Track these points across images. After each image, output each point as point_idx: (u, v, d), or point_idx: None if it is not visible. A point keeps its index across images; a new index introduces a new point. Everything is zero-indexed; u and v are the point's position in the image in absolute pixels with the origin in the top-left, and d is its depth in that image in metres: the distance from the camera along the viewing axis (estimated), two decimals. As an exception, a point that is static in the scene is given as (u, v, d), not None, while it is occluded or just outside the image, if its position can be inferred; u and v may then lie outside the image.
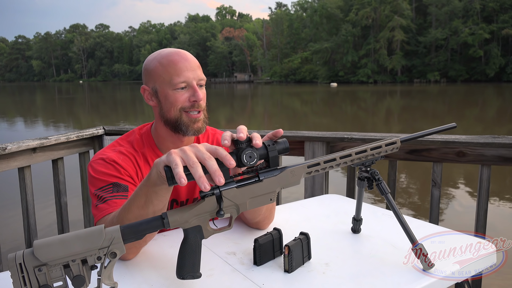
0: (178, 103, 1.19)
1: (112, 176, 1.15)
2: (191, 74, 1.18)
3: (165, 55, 1.20)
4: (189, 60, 1.19)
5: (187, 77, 1.17)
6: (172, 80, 1.17)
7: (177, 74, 1.17)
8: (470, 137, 1.88)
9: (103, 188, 1.13)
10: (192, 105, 1.19)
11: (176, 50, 1.22)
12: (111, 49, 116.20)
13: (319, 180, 2.19)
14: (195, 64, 1.21)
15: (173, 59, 1.18)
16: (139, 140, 1.28)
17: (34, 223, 2.13)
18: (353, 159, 0.94)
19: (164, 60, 1.19)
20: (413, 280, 0.90)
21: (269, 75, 78.72)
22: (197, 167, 0.77)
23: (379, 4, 58.81)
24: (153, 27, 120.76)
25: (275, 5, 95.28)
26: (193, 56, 1.23)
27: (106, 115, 19.37)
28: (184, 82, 1.18)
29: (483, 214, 1.87)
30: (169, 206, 1.28)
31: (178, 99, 1.18)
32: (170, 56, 1.19)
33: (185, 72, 1.17)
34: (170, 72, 1.17)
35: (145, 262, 1.02)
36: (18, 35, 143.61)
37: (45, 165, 2.34)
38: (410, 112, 18.12)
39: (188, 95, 1.19)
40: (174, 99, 1.19)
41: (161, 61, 1.19)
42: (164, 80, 1.18)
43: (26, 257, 0.70)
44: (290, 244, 0.95)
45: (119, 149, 1.23)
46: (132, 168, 1.21)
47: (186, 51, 1.23)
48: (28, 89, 61.30)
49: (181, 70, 1.17)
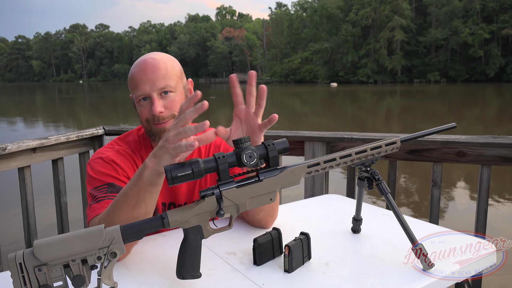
0: (143, 116, 1.19)
1: (109, 176, 1.15)
2: (148, 86, 1.14)
3: (132, 67, 1.19)
4: (146, 71, 1.14)
5: (143, 90, 1.15)
6: (134, 93, 1.18)
7: (135, 88, 1.16)
8: (470, 137, 1.88)
9: (98, 188, 1.13)
10: (153, 117, 1.17)
11: (141, 60, 1.18)
12: (111, 49, 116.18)
13: (319, 180, 2.19)
14: (154, 74, 1.14)
15: (133, 72, 1.17)
16: (137, 141, 1.28)
17: (34, 223, 2.13)
18: (353, 159, 0.94)
19: (130, 73, 1.20)
20: (413, 280, 0.90)
21: (269, 75, 78.69)
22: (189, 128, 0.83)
23: (379, 4, 58.78)
24: (153, 27, 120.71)
25: (275, 5, 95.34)
26: (159, 63, 1.16)
27: (106, 115, 19.37)
28: (142, 95, 1.16)
29: (483, 214, 1.87)
30: (166, 209, 1.28)
31: (142, 112, 1.19)
32: (133, 69, 1.18)
33: (141, 85, 1.15)
34: (131, 86, 1.18)
35: (145, 262, 1.02)
36: (18, 35, 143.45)
37: (45, 165, 2.34)
38: (410, 112, 18.12)
39: (150, 107, 1.17)
40: (139, 111, 1.20)
41: (129, 74, 1.21)
42: (132, 93, 1.20)
43: (26, 257, 0.70)
44: (290, 244, 0.95)
45: (117, 149, 1.24)
46: (130, 168, 1.21)
47: (153, 59, 1.16)
48: (28, 89, 61.28)
49: (138, 83, 1.15)
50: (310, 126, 13.23)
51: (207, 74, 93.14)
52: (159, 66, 1.16)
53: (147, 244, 1.13)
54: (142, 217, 0.95)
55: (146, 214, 0.97)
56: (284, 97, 31.95)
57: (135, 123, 15.03)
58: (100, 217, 1.01)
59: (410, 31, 57.50)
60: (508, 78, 49.80)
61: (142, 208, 0.94)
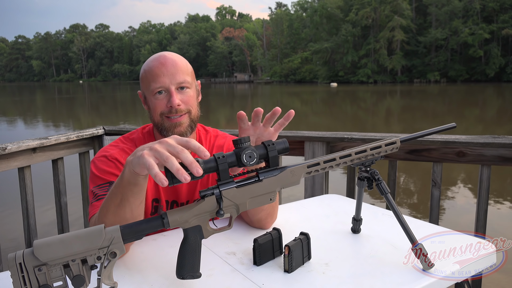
0: (158, 109, 1.21)
1: (112, 175, 1.16)
2: (168, 79, 1.19)
3: (148, 62, 1.23)
4: (166, 64, 1.19)
5: (162, 82, 1.19)
6: (150, 86, 1.20)
7: (153, 80, 1.19)
8: (470, 137, 1.88)
9: (100, 186, 1.14)
10: (169, 110, 1.20)
11: (158, 55, 1.23)
12: (111, 49, 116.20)
13: (319, 180, 2.19)
14: (174, 68, 1.20)
15: (152, 65, 1.20)
16: (142, 139, 1.29)
17: (34, 223, 2.13)
18: (353, 159, 0.94)
19: (146, 67, 1.23)
20: (413, 280, 0.90)
21: (269, 75, 78.71)
22: (172, 161, 0.75)
23: (379, 4, 58.79)
24: (153, 27, 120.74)
25: (275, 5, 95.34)
26: (176, 59, 1.22)
27: (106, 115, 19.37)
28: (161, 88, 1.19)
29: (483, 214, 1.87)
30: (169, 207, 1.29)
31: (157, 105, 1.21)
32: (151, 63, 1.21)
33: (161, 77, 1.18)
34: (148, 78, 1.20)
35: (145, 262, 1.02)
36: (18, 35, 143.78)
37: (45, 165, 2.34)
38: (410, 112, 18.12)
39: (166, 100, 1.20)
40: (154, 105, 1.22)
41: (145, 68, 1.23)
42: (146, 86, 1.22)
43: (26, 257, 0.70)
44: (290, 244, 0.94)
45: (122, 147, 1.25)
46: None
47: (169, 55, 1.22)
48: (28, 89, 61.29)
49: (157, 76, 1.19)
50: (310, 126, 13.22)
51: (207, 74, 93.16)
52: (178, 62, 1.22)
53: (147, 244, 1.13)
54: (128, 218, 0.92)
55: (133, 215, 0.93)
56: (284, 97, 31.96)
57: (135, 123, 15.03)
58: (96, 215, 1.01)
59: (410, 31, 57.53)
60: (508, 78, 49.81)
61: (127, 208, 0.91)
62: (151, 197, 1.26)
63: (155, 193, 1.27)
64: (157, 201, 1.27)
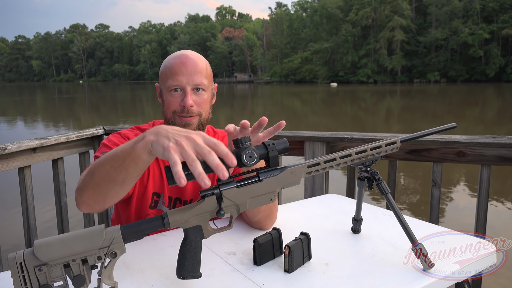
0: (171, 106, 1.23)
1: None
2: (185, 78, 1.20)
3: (170, 58, 1.24)
4: (187, 64, 1.21)
5: (180, 81, 1.20)
6: (167, 82, 1.21)
7: (171, 77, 1.20)
8: (470, 137, 1.88)
9: (104, 153, 1.13)
10: (182, 109, 1.21)
11: (181, 53, 1.24)
12: (111, 49, 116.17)
13: (319, 180, 2.19)
14: (193, 68, 1.21)
15: (173, 62, 1.22)
16: None
17: (34, 223, 2.13)
18: (353, 159, 0.94)
19: (167, 63, 1.24)
20: (413, 280, 0.90)
21: (269, 75, 78.70)
22: (197, 165, 0.72)
23: (379, 4, 58.79)
24: (153, 27, 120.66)
25: (275, 5, 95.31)
26: (197, 60, 1.23)
27: (106, 115, 19.36)
28: (177, 86, 1.20)
29: (483, 214, 1.87)
30: (172, 205, 1.29)
31: (171, 102, 1.22)
32: (172, 60, 1.23)
33: (179, 76, 1.19)
34: (167, 75, 1.22)
35: (145, 262, 1.02)
36: (18, 35, 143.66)
37: (45, 165, 2.33)
38: (410, 112, 18.12)
39: (181, 99, 1.21)
40: (168, 101, 1.23)
41: (166, 64, 1.24)
42: (164, 82, 1.23)
43: (26, 257, 0.70)
44: (290, 244, 0.95)
45: (136, 133, 1.27)
46: None
47: (194, 55, 1.24)
48: (28, 89, 61.28)
49: (175, 73, 1.20)
50: (310, 126, 13.22)
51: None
52: (199, 63, 1.23)
53: (147, 244, 1.13)
54: (118, 184, 0.89)
55: (123, 185, 0.89)
56: (284, 97, 31.96)
57: (135, 123, 15.01)
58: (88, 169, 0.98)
59: (410, 31, 57.53)
60: (508, 78, 49.81)
61: (122, 173, 0.86)
62: (152, 190, 1.26)
63: (158, 187, 1.27)
64: (158, 196, 1.27)
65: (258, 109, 21.84)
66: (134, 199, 1.26)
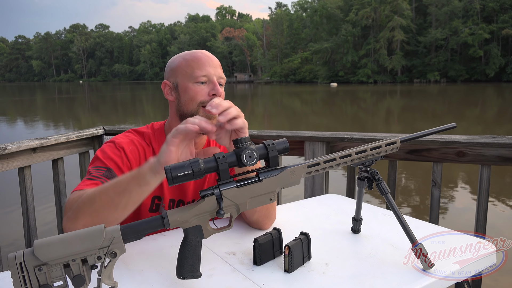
0: (198, 97, 1.19)
1: (112, 161, 1.16)
2: (213, 70, 1.20)
3: (189, 53, 1.25)
4: (211, 58, 1.23)
5: (208, 72, 1.19)
6: (194, 73, 1.19)
7: (199, 68, 1.19)
8: (470, 137, 1.88)
9: (98, 168, 1.14)
10: (211, 99, 1.17)
11: (198, 50, 1.25)
12: (111, 49, 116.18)
13: (319, 180, 2.19)
14: (217, 63, 1.24)
15: (197, 55, 1.22)
16: (152, 135, 1.29)
17: (34, 223, 2.13)
18: (353, 159, 0.94)
19: (188, 56, 1.23)
20: (413, 280, 0.90)
21: (269, 75, 78.70)
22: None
23: (379, 4, 58.79)
24: (153, 27, 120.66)
25: (275, 5, 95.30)
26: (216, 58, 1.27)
27: (106, 115, 19.36)
28: (205, 76, 1.19)
29: (483, 214, 1.87)
30: (175, 206, 1.28)
31: (198, 93, 1.19)
32: (194, 53, 1.23)
33: (207, 67, 1.20)
34: (192, 66, 1.20)
35: (145, 262, 1.02)
36: (18, 35, 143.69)
37: (45, 165, 2.33)
38: (410, 112, 18.12)
39: (208, 90, 1.20)
40: (194, 92, 1.19)
41: (185, 57, 1.23)
42: (186, 73, 1.20)
43: (26, 257, 0.70)
44: (290, 244, 0.95)
45: (132, 138, 1.26)
46: (137, 160, 1.22)
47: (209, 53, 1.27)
48: (28, 89, 61.28)
49: (203, 65, 1.20)
50: (310, 126, 13.22)
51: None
52: (217, 60, 1.26)
53: (147, 244, 1.13)
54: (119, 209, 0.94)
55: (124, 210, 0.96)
56: (284, 97, 31.96)
57: (135, 123, 15.02)
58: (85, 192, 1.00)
59: (410, 31, 57.52)
60: (508, 78, 49.81)
61: (125, 198, 0.93)
62: (152, 194, 1.24)
63: (158, 190, 1.26)
64: (160, 199, 1.27)
65: (258, 109, 21.84)
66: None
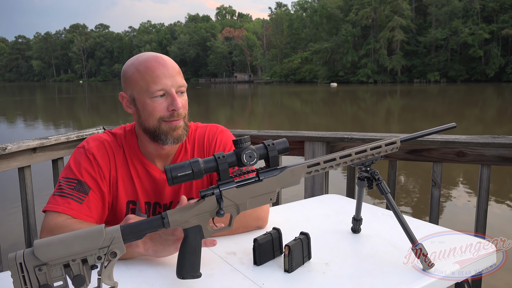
0: (157, 113, 1.13)
1: (85, 172, 1.14)
2: (169, 81, 1.12)
3: (142, 61, 1.14)
4: (167, 66, 1.13)
5: (165, 84, 1.11)
6: (149, 88, 1.11)
7: (154, 81, 1.10)
8: (470, 137, 1.88)
9: (69, 180, 1.12)
10: (171, 114, 1.13)
11: (154, 55, 1.16)
12: (111, 49, 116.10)
13: (319, 180, 2.19)
14: (174, 70, 1.14)
15: (151, 65, 1.12)
16: (122, 136, 1.25)
17: (34, 223, 2.13)
18: (353, 159, 0.94)
19: (141, 66, 1.13)
20: (413, 280, 0.90)
21: (269, 75, 78.67)
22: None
23: (379, 4, 58.74)
24: (153, 27, 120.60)
25: (275, 5, 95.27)
26: (173, 61, 1.17)
27: (106, 115, 19.36)
28: (162, 90, 1.12)
29: (483, 214, 1.87)
30: (151, 209, 1.25)
31: (156, 109, 1.12)
32: (147, 62, 1.13)
33: (162, 79, 1.11)
34: (147, 79, 1.11)
35: (145, 262, 1.02)
36: (18, 35, 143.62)
37: (45, 165, 2.33)
38: (410, 112, 18.12)
39: (167, 104, 1.13)
40: (152, 108, 1.12)
41: (138, 68, 1.13)
42: (142, 88, 1.12)
43: (26, 257, 0.70)
44: (290, 244, 0.95)
45: (103, 140, 1.21)
46: (107, 165, 1.19)
47: (165, 56, 1.17)
48: (28, 89, 61.28)
49: (158, 77, 1.11)
50: (310, 126, 13.23)
51: (207, 74, 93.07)
52: (175, 64, 1.17)
53: (147, 244, 1.13)
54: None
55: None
56: (284, 97, 31.96)
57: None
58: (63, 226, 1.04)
59: (410, 31, 57.47)
60: (508, 78, 49.78)
61: None
62: (125, 199, 1.22)
63: (132, 195, 1.22)
64: (134, 203, 1.23)
65: (258, 109, 21.84)
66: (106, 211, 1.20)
